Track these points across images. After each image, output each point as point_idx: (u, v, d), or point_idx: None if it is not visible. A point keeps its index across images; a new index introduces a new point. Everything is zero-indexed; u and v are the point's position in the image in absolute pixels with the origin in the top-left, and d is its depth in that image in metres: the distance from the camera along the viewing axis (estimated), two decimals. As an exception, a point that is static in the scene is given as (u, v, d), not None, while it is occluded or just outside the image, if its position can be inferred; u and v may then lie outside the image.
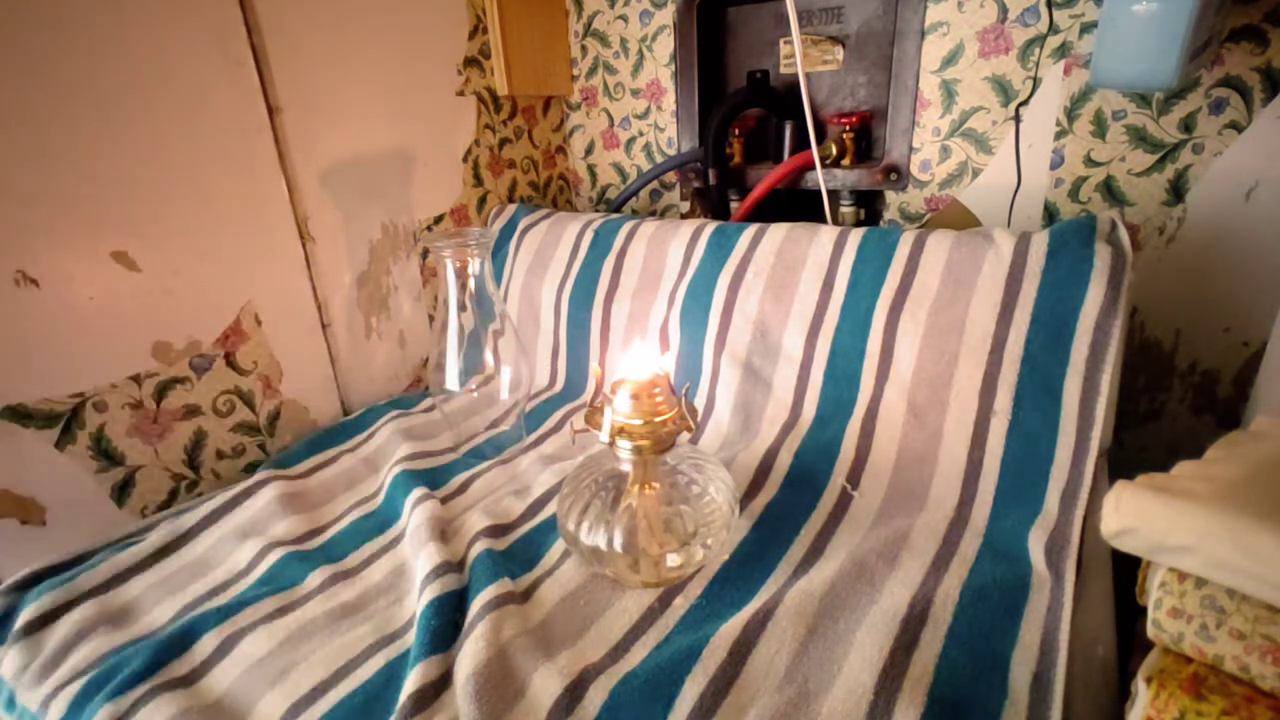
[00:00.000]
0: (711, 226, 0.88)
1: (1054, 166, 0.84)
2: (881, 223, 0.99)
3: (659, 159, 1.14)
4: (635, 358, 0.55)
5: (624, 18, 1.07)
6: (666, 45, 1.05)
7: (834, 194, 0.97)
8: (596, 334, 0.92)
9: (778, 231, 0.83)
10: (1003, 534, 0.59)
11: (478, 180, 1.04)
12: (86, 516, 0.67)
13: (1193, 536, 0.36)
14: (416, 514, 0.64)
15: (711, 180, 1.01)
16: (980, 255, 0.70)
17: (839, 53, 0.96)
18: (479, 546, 0.60)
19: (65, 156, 0.61)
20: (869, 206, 1.00)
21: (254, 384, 0.79)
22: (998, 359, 0.66)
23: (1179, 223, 0.79)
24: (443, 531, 0.63)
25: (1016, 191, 0.86)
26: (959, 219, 0.92)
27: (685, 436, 0.64)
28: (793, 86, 0.95)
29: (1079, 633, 0.49)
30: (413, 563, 0.60)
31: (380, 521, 0.68)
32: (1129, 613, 0.48)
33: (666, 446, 0.55)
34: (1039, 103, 0.82)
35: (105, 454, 0.67)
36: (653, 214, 1.16)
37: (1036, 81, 0.82)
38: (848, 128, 0.94)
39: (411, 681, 0.47)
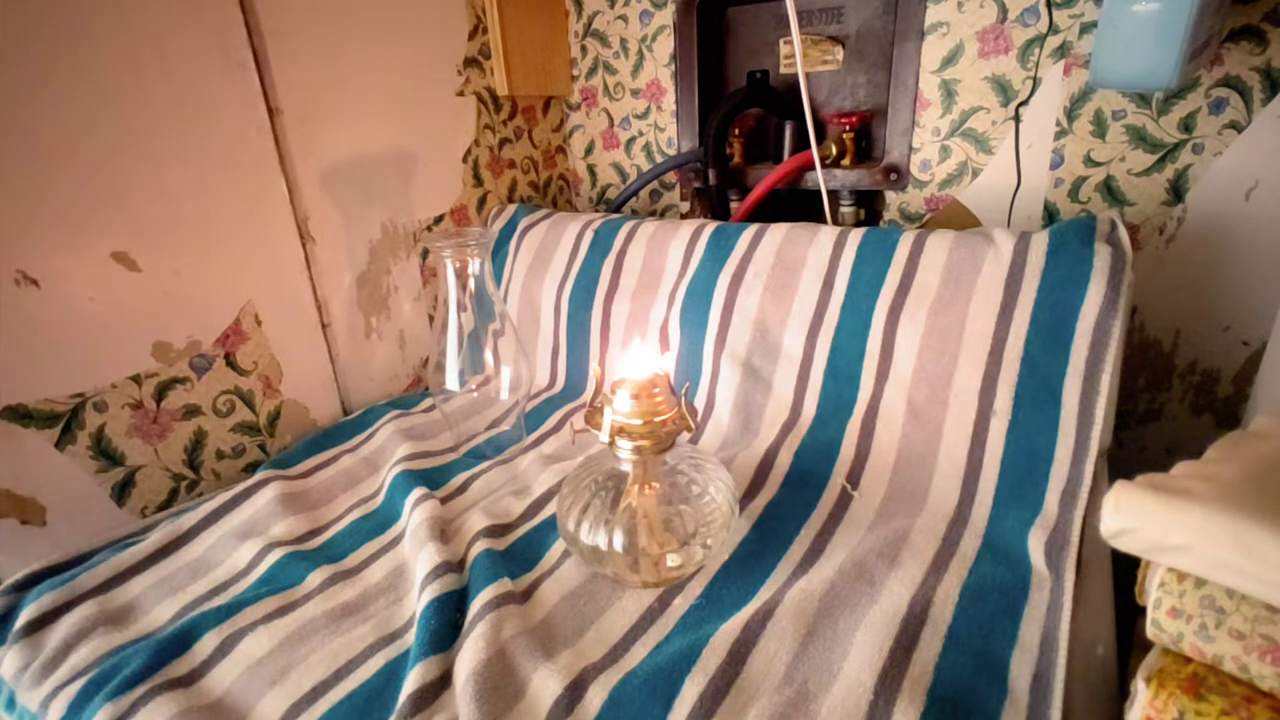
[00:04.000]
0: (711, 226, 0.88)
1: (1054, 166, 0.84)
2: (881, 223, 0.99)
3: (659, 159, 1.14)
4: (635, 358, 0.55)
5: (624, 18, 1.07)
6: (666, 45, 1.05)
7: (834, 194, 0.97)
8: (596, 334, 0.92)
9: (778, 231, 0.83)
10: (1002, 534, 0.59)
11: (478, 180, 1.04)
12: (86, 516, 0.67)
13: (1192, 536, 0.36)
14: (416, 514, 0.64)
15: (711, 180, 1.01)
16: (980, 255, 0.70)
17: (839, 53, 0.96)
18: (479, 546, 0.60)
19: (65, 157, 0.61)
20: (869, 206, 1.00)
21: (254, 384, 0.79)
22: (997, 359, 0.66)
23: (1179, 223, 0.79)
24: (443, 531, 0.63)
25: (1016, 191, 0.86)
26: (959, 219, 0.92)
27: (685, 436, 0.64)
28: (793, 86, 0.95)
29: (1079, 633, 0.49)
30: (412, 563, 0.60)
31: (380, 521, 0.68)
32: (1129, 613, 0.48)
33: (666, 446, 0.55)
34: (1039, 103, 0.82)
35: (105, 454, 0.67)
36: (653, 214, 1.16)
37: (1036, 81, 0.82)
38: (848, 128, 0.94)
39: (411, 681, 0.47)
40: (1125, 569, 0.47)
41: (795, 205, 1.02)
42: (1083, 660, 0.47)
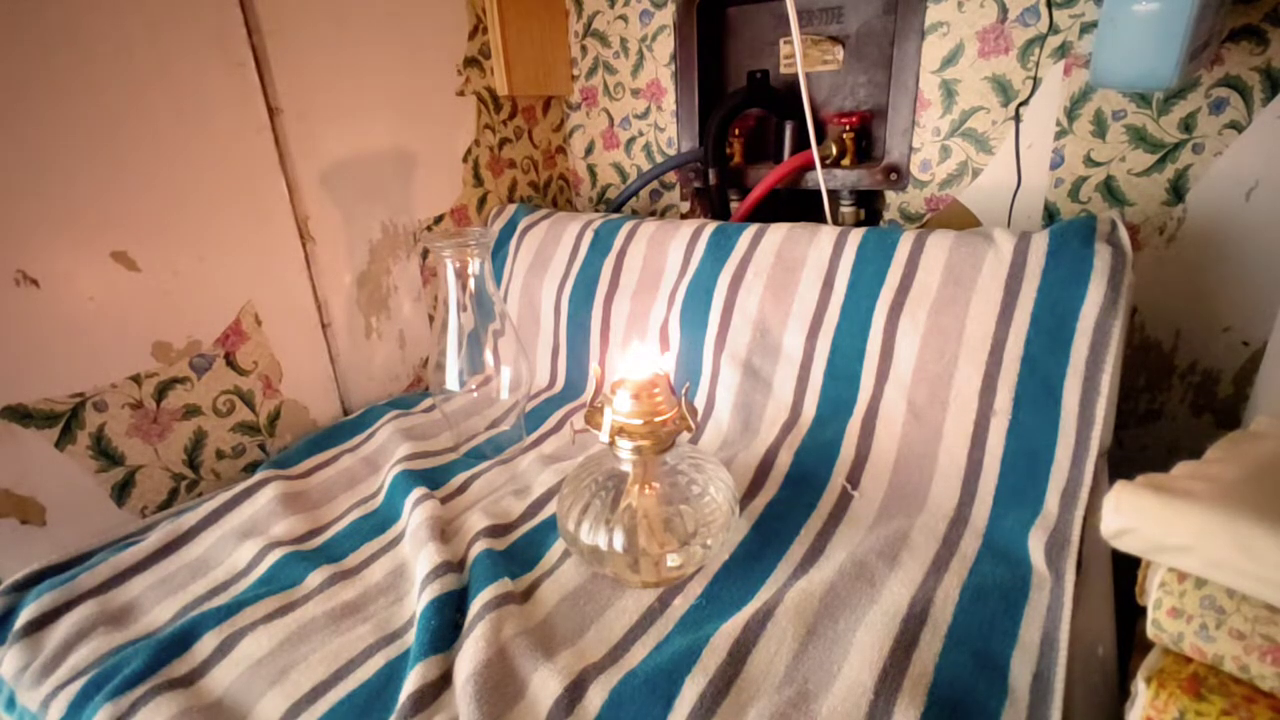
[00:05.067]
0: (711, 226, 0.88)
1: (1054, 166, 0.84)
2: (881, 223, 0.99)
3: (659, 159, 1.14)
4: (635, 357, 0.55)
5: (624, 18, 1.07)
6: (666, 45, 1.05)
7: (834, 194, 0.97)
8: (596, 334, 0.92)
9: (778, 231, 0.83)
10: (1003, 534, 0.59)
11: (478, 180, 1.04)
12: (86, 516, 0.67)
13: (1192, 536, 0.36)
14: (416, 514, 0.64)
15: (711, 180, 1.01)
16: (980, 255, 0.70)
17: (839, 53, 0.96)
18: (479, 546, 0.60)
19: (66, 157, 0.61)
20: (869, 206, 1.00)
21: (254, 384, 0.79)
22: (998, 359, 0.66)
23: (1179, 223, 0.79)
24: (443, 531, 0.63)
25: (1016, 191, 0.86)
26: (959, 219, 0.92)
27: (685, 436, 0.64)
28: (793, 86, 0.95)
29: (1079, 633, 0.49)
30: (412, 563, 0.60)
31: (380, 521, 0.68)
32: (1129, 613, 0.48)
33: (666, 446, 0.55)
34: (1039, 103, 0.82)
35: (105, 454, 0.67)
36: (653, 214, 1.16)
37: (1036, 81, 0.82)
38: (848, 128, 0.94)
39: (411, 681, 0.47)
40: (1125, 569, 0.47)
41: (795, 205, 1.02)
42: (1083, 660, 0.47)
